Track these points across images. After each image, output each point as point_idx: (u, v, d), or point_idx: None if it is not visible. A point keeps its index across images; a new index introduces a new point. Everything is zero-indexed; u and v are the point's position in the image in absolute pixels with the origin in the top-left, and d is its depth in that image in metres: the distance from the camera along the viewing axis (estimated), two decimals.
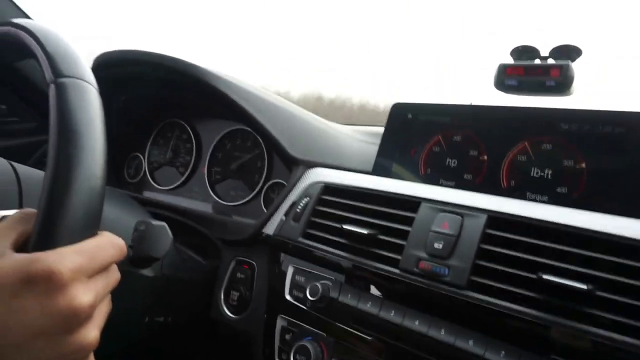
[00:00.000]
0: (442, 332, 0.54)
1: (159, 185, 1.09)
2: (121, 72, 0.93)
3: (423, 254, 0.58)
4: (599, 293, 0.47)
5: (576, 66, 0.72)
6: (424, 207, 0.62)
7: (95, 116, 0.51)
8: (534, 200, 0.67)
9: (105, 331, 0.72)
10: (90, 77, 0.53)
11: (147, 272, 0.70)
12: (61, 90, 0.50)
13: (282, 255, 0.74)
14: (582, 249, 0.50)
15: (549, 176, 0.67)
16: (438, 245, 0.57)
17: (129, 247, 0.65)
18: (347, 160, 0.87)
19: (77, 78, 0.51)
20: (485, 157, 0.73)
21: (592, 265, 0.49)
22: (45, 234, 0.45)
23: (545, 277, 0.49)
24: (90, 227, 0.49)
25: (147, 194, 1.10)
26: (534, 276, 0.50)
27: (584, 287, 0.46)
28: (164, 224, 0.64)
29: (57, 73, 0.51)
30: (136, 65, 0.89)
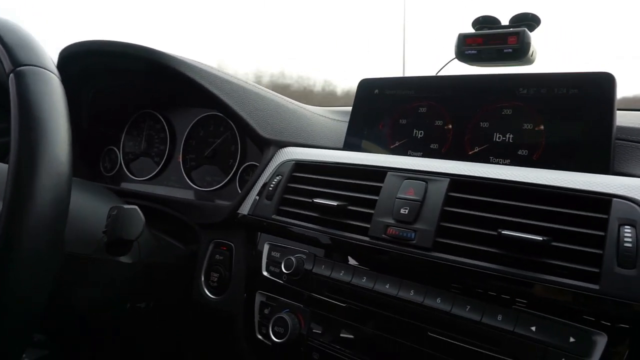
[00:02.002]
0: (412, 292, 0.56)
1: (135, 176, 1.09)
2: (88, 64, 0.93)
3: (390, 221, 0.60)
4: (554, 244, 0.49)
5: (535, 35, 0.74)
6: (389, 176, 0.63)
7: (57, 102, 0.51)
8: (497, 164, 0.69)
9: (88, 319, 0.73)
10: (50, 64, 0.53)
11: (125, 259, 0.71)
12: (20, 79, 0.50)
13: (258, 233, 0.75)
14: (538, 203, 0.53)
15: (510, 140, 0.69)
16: (404, 211, 0.59)
17: (103, 232, 0.65)
18: (318, 139, 0.88)
19: (36, 66, 0.52)
20: (450, 126, 0.75)
21: (547, 218, 0.51)
22: (13, 220, 0.46)
23: (504, 232, 0.51)
24: (58, 213, 0.49)
25: (124, 185, 1.10)
26: (494, 233, 0.52)
27: (540, 238, 0.49)
28: (136, 207, 0.65)
29: (15, 62, 0.51)
30: (102, 56, 0.89)
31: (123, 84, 1.05)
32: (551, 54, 0.84)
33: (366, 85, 0.85)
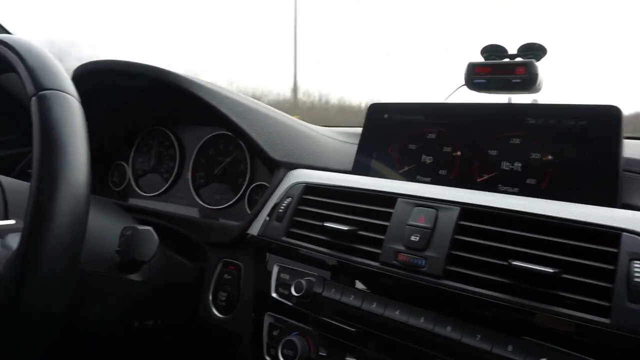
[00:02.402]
0: (422, 319, 0.57)
1: (143, 192, 1.10)
2: (100, 82, 0.94)
3: (401, 247, 0.61)
4: (564, 276, 0.50)
5: (542, 64, 0.76)
6: (400, 202, 0.64)
7: (78, 127, 0.52)
8: (505, 192, 0.70)
9: (96, 337, 0.73)
10: (72, 88, 0.55)
11: (135, 277, 0.72)
12: (43, 103, 0.51)
13: (267, 254, 0.76)
14: (548, 235, 0.53)
15: (519, 169, 0.70)
16: (415, 238, 0.60)
17: (116, 252, 0.66)
18: (327, 161, 0.89)
19: (59, 90, 0.53)
20: (459, 153, 0.76)
21: (558, 250, 0.52)
22: (33, 243, 0.47)
23: (514, 263, 0.52)
24: (76, 234, 0.50)
25: (133, 201, 1.11)
26: (504, 263, 0.53)
27: (550, 270, 0.50)
28: (150, 228, 0.66)
29: (38, 86, 0.52)
30: (115, 75, 0.90)
31: (134, 102, 1.06)
32: (557, 82, 0.86)
33: (376, 110, 0.86)
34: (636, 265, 0.47)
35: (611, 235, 0.50)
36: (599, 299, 0.48)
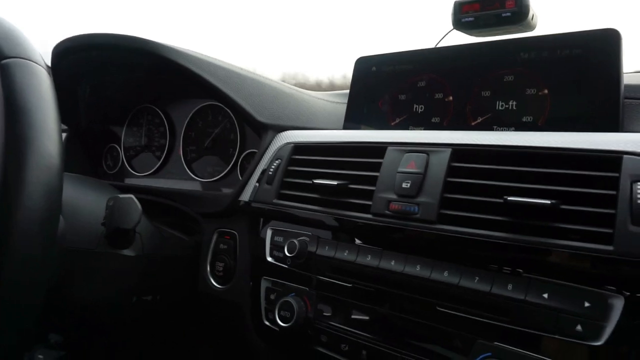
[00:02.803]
0: (418, 267, 0.55)
1: (137, 172, 1.09)
2: (82, 59, 0.92)
3: (392, 196, 0.58)
4: (563, 206, 0.47)
5: None
6: (390, 150, 0.61)
7: (45, 94, 0.50)
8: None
9: (94, 314, 0.72)
10: (37, 56, 0.52)
11: (128, 252, 0.70)
12: (6, 71, 0.49)
13: (261, 219, 0.74)
14: (544, 167, 0.50)
15: (514, 107, 0.67)
16: (406, 185, 0.57)
17: (102, 224, 0.65)
18: (317, 122, 0.86)
19: (23, 58, 0.51)
20: (451, 98, 0.72)
21: (555, 181, 0.49)
22: (4, 216, 0.45)
23: (510, 199, 0.49)
24: (50, 207, 0.48)
25: (128, 182, 1.09)
26: (500, 200, 0.50)
27: (548, 202, 0.47)
28: (131, 195, 0.64)
29: (0, 55, 0.50)
30: (94, 49, 0.88)
31: (119, 79, 1.04)
32: (555, 18, 0.81)
33: (363, 63, 0.83)
34: (639, 186, 0.44)
35: (611, 159, 0.47)
36: (601, 226, 0.45)
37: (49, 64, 0.92)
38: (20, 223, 0.45)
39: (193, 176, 0.99)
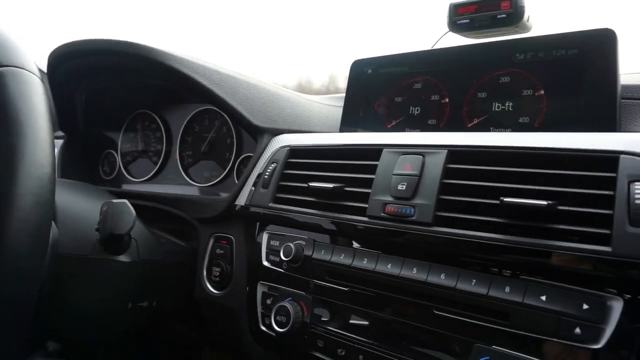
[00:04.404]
0: (414, 270, 0.54)
1: (134, 177, 1.08)
2: (78, 65, 0.91)
3: (388, 198, 0.58)
4: (560, 207, 0.46)
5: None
6: (385, 152, 0.61)
7: (37, 103, 0.50)
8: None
9: (89, 320, 0.72)
10: (30, 65, 0.52)
11: (123, 258, 0.70)
12: None
13: (257, 223, 0.73)
14: (540, 167, 0.50)
15: (510, 108, 0.66)
16: (402, 187, 0.57)
17: (96, 230, 0.64)
18: (314, 126, 0.86)
19: (17, 67, 0.50)
20: (447, 100, 0.72)
21: (552, 182, 0.49)
22: None
23: (507, 200, 0.48)
24: (41, 216, 0.48)
25: (125, 187, 1.09)
26: (497, 202, 0.50)
27: (544, 203, 0.46)
28: (125, 200, 0.64)
29: None
30: (90, 55, 0.87)
31: (115, 85, 1.04)
32: (550, 18, 0.81)
33: (359, 66, 0.82)
34: (637, 186, 0.43)
35: (608, 159, 0.46)
36: (599, 227, 0.44)
37: (45, 68, 0.92)
38: (11, 232, 0.45)
39: (190, 181, 0.98)
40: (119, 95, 1.07)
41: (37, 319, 0.52)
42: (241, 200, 0.76)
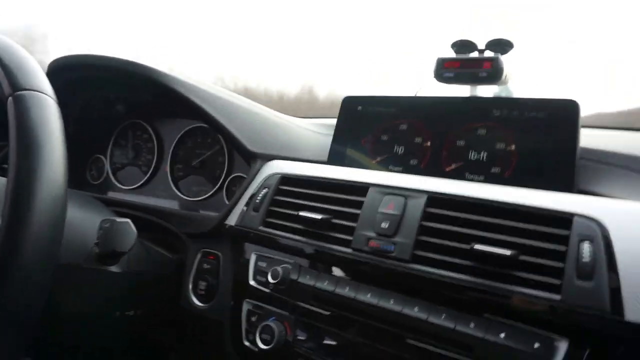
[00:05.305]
0: (391, 302, 0.60)
1: (122, 185, 1.11)
2: (76, 77, 0.94)
3: (372, 234, 0.64)
4: (521, 257, 0.54)
5: (507, 58, 0.79)
6: (371, 191, 0.67)
7: (55, 128, 0.53)
8: (472, 180, 0.73)
9: (79, 328, 0.75)
10: (48, 88, 0.55)
11: (114, 268, 0.73)
12: (19, 104, 0.52)
13: (245, 244, 0.78)
14: (507, 219, 0.57)
15: (484, 158, 0.74)
16: (385, 225, 0.63)
17: (95, 244, 0.68)
18: (303, 152, 0.92)
19: (35, 90, 0.54)
20: (429, 144, 0.79)
21: (516, 234, 0.56)
22: (11, 243, 0.48)
23: (477, 247, 0.55)
24: (54, 232, 0.51)
25: (111, 195, 1.11)
26: (468, 247, 0.57)
27: (508, 252, 0.53)
28: (128, 220, 0.67)
29: (15, 86, 0.53)
30: (90, 70, 0.91)
31: (110, 96, 1.06)
32: (524, 75, 0.90)
33: (350, 102, 0.89)
34: (585, 246, 0.51)
35: (564, 219, 0.54)
36: (552, 277, 0.51)
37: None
38: (26, 249, 0.49)
39: (179, 194, 1.02)
40: (113, 104, 1.10)
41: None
42: (231, 220, 0.80)
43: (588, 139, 0.71)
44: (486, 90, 0.85)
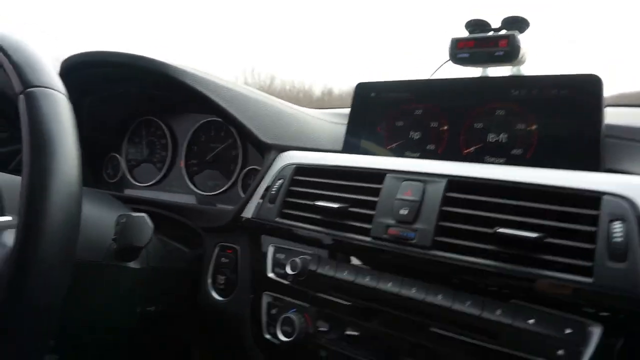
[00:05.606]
0: (414, 290, 0.59)
1: (138, 182, 1.11)
2: (89, 74, 0.94)
3: (391, 221, 0.62)
4: (548, 240, 0.52)
5: (524, 36, 0.76)
6: (388, 178, 0.66)
7: (67, 124, 0.53)
8: (492, 163, 0.71)
9: (101, 324, 0.75)
10: (59, 85, 0.55)
11: (133, 264, 0.73)
12: (31, 101, 0.51)
13: (262, 236, 0.77)
14: (532, 201, 0.55)
15: (504, 140, 0.71)
16: (404, 212, 0.62)
17: (113, 240, 0.67)
18: (317, 142, 0.90)
19: (46, 87, 0.53)
20: (446, 127, 0.77)
21: (542, 216, 0.54)
22: (28, 242, 0.48)
23: (500, 230, 0.53)
24: (70, 229, 0.51)
25: (128, 192, 1.12)
26: (491, 231, 0.55)
27: (534, 235, 0.51)
28: (144, 214, 0.67)
29: (25, 83, 0.52)
30: (103, 67, 0.90)
31: (123, 92, 1.06)
32: (542, 54, 0.86)
33: (363, 89, 0.87)
34: (616, 225, 0.49)
35: (592, 198, 0.52)
36: (582, 259, 0.49)
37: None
38: (42, 246, 0.48)
39: (194, 189, 1.02)
40: (125, 101, 1.09)
41: None
42: (247, 213, 0.80)
43: (612, 117, 0.68)
44: (501, 72, 0.82)
